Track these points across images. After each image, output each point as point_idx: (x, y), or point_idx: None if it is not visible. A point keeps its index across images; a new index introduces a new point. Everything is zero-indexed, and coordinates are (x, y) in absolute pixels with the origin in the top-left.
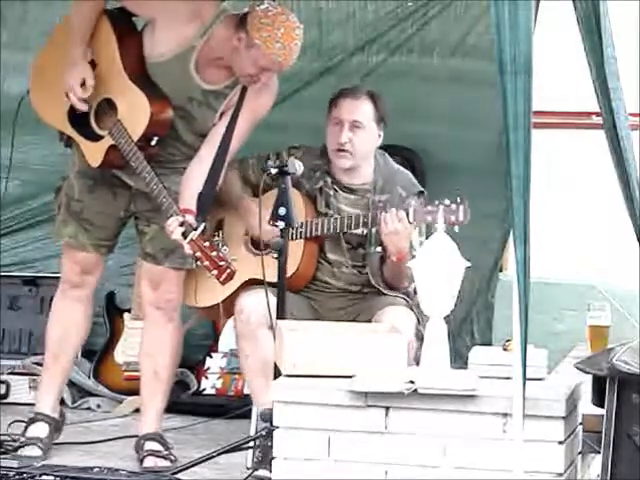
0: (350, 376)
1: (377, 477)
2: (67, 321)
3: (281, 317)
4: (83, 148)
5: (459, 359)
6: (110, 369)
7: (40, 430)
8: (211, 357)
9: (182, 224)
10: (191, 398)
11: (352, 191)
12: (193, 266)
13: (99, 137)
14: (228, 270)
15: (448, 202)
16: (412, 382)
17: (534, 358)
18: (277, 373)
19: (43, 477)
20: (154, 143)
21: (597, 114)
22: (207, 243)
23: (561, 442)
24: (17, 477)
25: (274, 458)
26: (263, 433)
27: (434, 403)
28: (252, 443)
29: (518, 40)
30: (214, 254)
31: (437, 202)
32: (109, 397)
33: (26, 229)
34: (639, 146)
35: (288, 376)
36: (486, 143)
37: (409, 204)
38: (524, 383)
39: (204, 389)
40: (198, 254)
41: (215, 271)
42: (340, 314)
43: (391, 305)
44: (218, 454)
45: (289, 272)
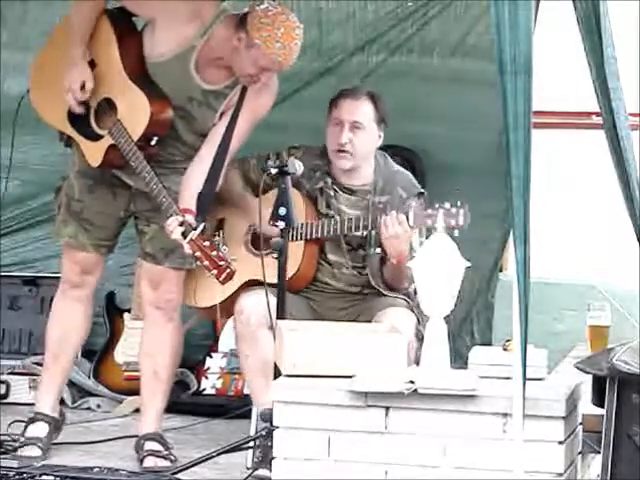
0: (350, 376)
1: (377, 477)
2: (67, 321)
3: (281, 317)
4: (83, 148)
5: (459, 359)
6: (110, 369)
7: (40, 430)
8: (211, 357)
9: (182, 224)
10: (191, 398)
11: (352, 192)
12: (193, 266)
13: (99, 137)
14: (228, 270)
15: (448, 206)
16: (412, 382)
17: (534, 358)
18: (277, 373)
19: (43, 477)
20: (154, 143)
21: (597, 114)
22: (207, 243)
23: (561, 442)
24: (17, 477)
25: (274, 458)
26: (263, 433)
27: (434, 403)
28: (252, 443)
29: (518, 40)
30: (214, 254)
31: (437, 205)
32: (109, 397)
33: (26, 229)
34: (639, 146)
35: (288, 376)
36: (486, 143)
37: (409, 206)
38: (524, 383)
39: (204, 389)
40: (198, 254)
41: (215, 271)
42: (340, 315)
43: (391, 306)
44: (218, 454)
45: (289, 273)
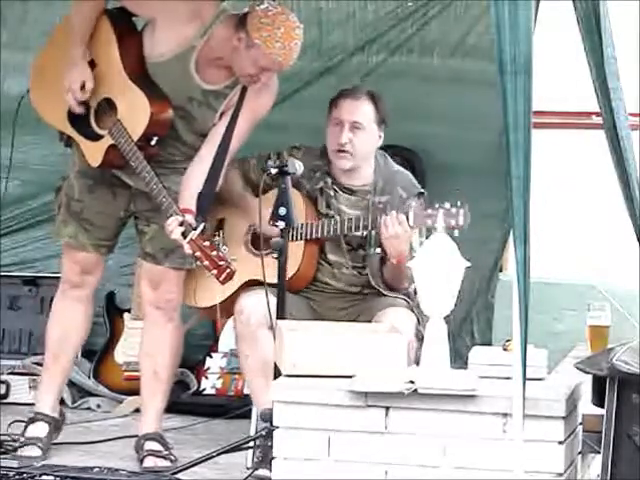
0: (350, 376)
1: (377, 477)
2: (67, 321)
3: (281, 317)
4: (83, 148)
5: (459, 359)
6: (110, 369)
7: (39, 430)
8: (211, 357)
9: (182, 224)
10: (191, 398)
11: (352, 192)
12: (193, 266)
13: (99, 137)
14: (228, 270)
15: (448, 206)
16: (412, 382)
17: (534, 358)
18: (277, 373)
19: (43, 477)
20: (154, 143)
21: (597, 114)
22: (207, 243)
23: (561, 442)
24: (17, 477)
25: (274, 458)
26: (263, 433)
27: (434, 403)
28: (252, 443)
29: (518, 40)
30: (214, 254)
31: (437, 205)
32: (109, 397)
33: (26, 229)
34: (639, 146)
35: (288, 376)
36: (486, 143)
37: (409, 206)
38: (524, 383)
39: (204, 389)
40: (198, 254)
41: (215, 271)
42: (340, 315)
43: (391, 306)
44: (218, 454)
45: (289, 273)
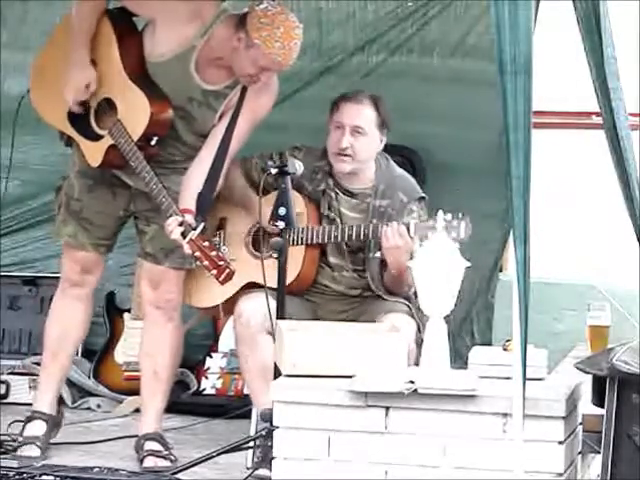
0: (350, 376)
1: (377, 477)
2: (66, 319)
3: (281, 319)
4: (83, 148)
5: (459, 359)
6: (110, 369)
7: (37, 428)
8: (211, 357)
9: (181, 224)
10: (191, 398)
11: (353, 195)
12: (193, 266)
13: (99, 137)
14: (227, 270)
15: (449, 217)
16: (412, 382)
17: (534, 358)
18: (277, 373)
19: (43, 477)
20: (154, 143)
21: (597, 114)
22: (206, 243)
23: (561, 442)
24: (17, 477)
25: (274, 458)
26: (263, 433)
27: (434, 403)
28: (252, 443)
29: (518, 40)
30: (213, 254)
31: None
32: (109, 397)
33: (26, 229)
34: (639, 146)
35: (288, 376)
36: (486, 143)
37: (410, 213)
38: (524, 383)
39: (204, 389)
40: (197, 254)
41: (214, 271)
42: (340, 317)
43: (391, 312)
44: (218, 454)
45: (290, 278)
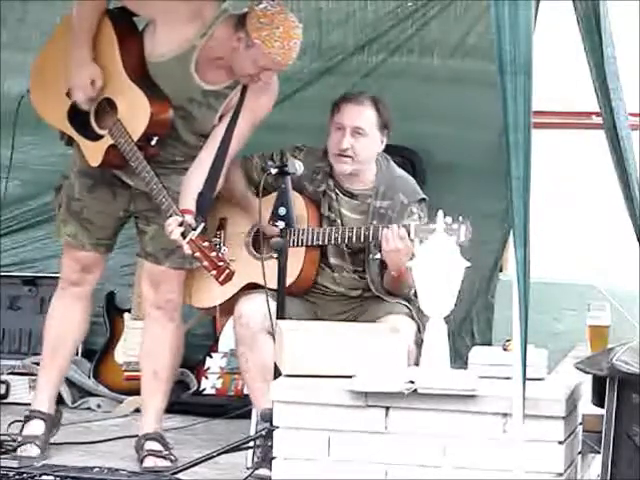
0: (350, 376)
1: (377, 477)
2: (66, 319)
3: (281, 319)
4: (83, 147)
5: (459, 359)
6: (110, 369)
7: (36, 427)
8: (211, 357)
9: (181, 224)
10: (191, 398)
11: (353, 196)
12: (193, 266)
13: (99, 137)
14: (227, 270)
15: (450, 221)
16: (412, 382)
17: (534, 358)
18: (277, 373)
19: (43, 477)
20: (154, 143)
21: (597, 114)
22: (206, 243)
23: (561, 442)
24: (17, 477)
25: (274, 458)
26: (263, 433)
27: (434, 403)
28: (252, 443)
29: (518, 40)
30: (213, 254)
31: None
32: (109, 397)
33: (26, 229)
34: (639, 146)
35: (288, 376)
36: (486, 143)
37: (410, 215)
38: (524, 383)
39: (204, 389)
40: (197, 254)
41: (214, 271)
42: (340, 318)
43: (391, 314)
44: (218, 454)
45: (290, 280)
